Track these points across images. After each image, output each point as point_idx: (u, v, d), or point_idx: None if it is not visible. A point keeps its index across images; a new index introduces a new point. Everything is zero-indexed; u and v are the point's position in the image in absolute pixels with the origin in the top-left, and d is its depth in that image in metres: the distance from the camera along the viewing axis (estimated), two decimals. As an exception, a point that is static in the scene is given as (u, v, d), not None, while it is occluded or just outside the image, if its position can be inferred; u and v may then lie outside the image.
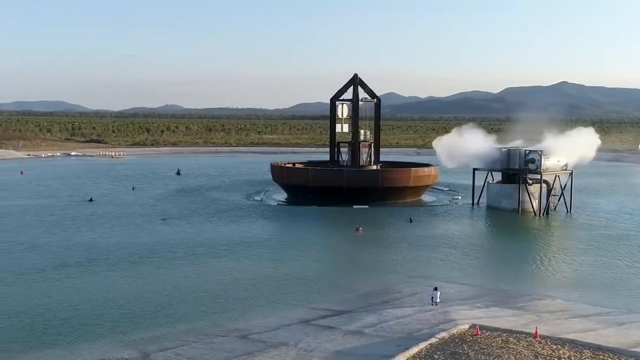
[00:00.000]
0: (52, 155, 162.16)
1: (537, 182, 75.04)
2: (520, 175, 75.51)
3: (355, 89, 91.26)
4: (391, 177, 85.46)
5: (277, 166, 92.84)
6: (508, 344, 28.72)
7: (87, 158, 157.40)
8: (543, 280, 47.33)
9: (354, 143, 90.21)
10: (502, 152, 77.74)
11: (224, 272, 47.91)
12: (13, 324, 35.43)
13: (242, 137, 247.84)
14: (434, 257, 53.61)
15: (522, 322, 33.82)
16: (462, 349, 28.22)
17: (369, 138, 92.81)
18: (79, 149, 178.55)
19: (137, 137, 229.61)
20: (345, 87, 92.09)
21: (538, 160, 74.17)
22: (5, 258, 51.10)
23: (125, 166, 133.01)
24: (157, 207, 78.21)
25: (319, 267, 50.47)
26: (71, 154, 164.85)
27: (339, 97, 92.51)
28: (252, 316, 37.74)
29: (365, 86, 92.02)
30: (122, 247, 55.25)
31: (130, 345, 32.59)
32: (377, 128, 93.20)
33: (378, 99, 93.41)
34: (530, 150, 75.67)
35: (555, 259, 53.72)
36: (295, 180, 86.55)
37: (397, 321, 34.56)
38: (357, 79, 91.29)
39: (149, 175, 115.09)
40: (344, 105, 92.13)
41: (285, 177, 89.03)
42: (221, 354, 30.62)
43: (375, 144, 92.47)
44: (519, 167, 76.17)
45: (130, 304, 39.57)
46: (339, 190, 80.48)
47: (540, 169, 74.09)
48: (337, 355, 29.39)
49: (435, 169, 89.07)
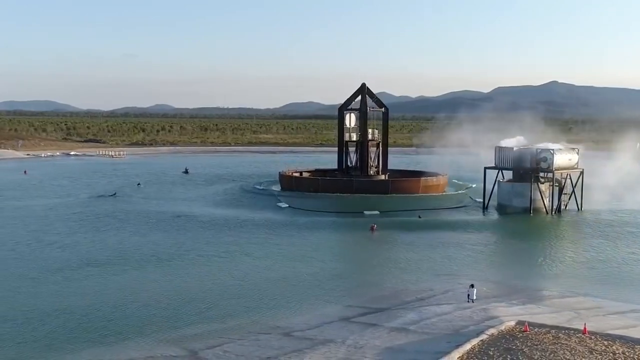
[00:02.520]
0: (52, 155, 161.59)
1: (549, 180, 75.49)
2: (532, 173, 75.88)
3: (363, 98, 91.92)
4: (401, 186, 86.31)
5: (286, 175, 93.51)
6: (559, 340, 29.01)
7: (87, 158, 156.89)
8: (568, 278, 47.55)
9: (362, 146, 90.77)
10: (513, 151, 78.11)
11: (254, 270, 48.27)
12: (59, 323, 35.47)
13: (238, 136, 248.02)
14: (454, 256, 53.93)
15: (563, 318, 34.13)
16: (515, 345, 28.48)
17: (377, 137, 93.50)
18: (78, 148, 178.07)
19: (133, 136, 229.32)
20: (353, 97, 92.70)
21: (550, 158, 74.57)
22: (43, 257, 51.23)
23: (130, 166, 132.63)
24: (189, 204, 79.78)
25: (344, 266, 50.86)
26: (70, 154, 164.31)
27: (347, 106, 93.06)
28: (289, 314, 37.94)
29: (373, 95, 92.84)
30: (156, 245, 55.85)
31: (175, 343, 32.66)
32: (385, 137, 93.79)
33: (386, 107, 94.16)
34: (542, 149, 76.07)
35: (575, 257, 54.31)
36: (304, 189, 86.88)
37: (439, 318, 34.82)
38: (365, 88, 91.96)
39: (158, 175, 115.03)
40: (352, 115, 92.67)
41: (294, 186, 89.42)
42: (270, 351, 30.74)
43: (383, 153, 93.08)
44: (530, 166, 76.54)
45: (169, 301, 39.72)
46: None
47: (552, 167, 74.51)
48: (388, 352, 29.58)
49: (444, 178, 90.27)
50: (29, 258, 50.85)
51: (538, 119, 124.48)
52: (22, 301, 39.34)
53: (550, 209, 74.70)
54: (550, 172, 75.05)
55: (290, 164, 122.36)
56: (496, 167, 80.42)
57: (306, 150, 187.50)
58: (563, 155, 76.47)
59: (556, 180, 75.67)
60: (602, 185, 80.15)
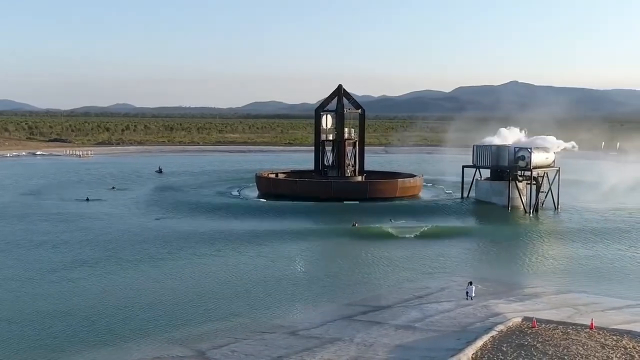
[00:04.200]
0: (18, 154, 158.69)
1: (527, 178, 76.39)
2: (510, 172, 76.72)
3: (340, 99, 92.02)
4: (378, 188, 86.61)
5: (263, 177, 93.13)
6: (569, 336, 29.40)
7: (54, 157, 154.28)
8: (557, 275, 48.04)
9: (339, 146, 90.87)
10: (491, 149, 78.87)
11: (240, 269, 48.23)
12: (64, 324, 35.03)
13: (204, 135, 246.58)
14: (442, 253, 54.43)
15: (565, 314, 34.63)
16: (527, 341, 28.78)
17: (353, 136, 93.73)
18: (43, 148, 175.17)
19: (98, 136, 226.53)
20: (330, 98, 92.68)
21: (528, 157, 75.45)
22: (44, 256, 50.95)
23: (102, 165, 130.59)
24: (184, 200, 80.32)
25: (332, 264, 50.65)
26: (37, 154, 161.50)
27: (323, 107, 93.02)
28: (290, 312, 37.96)
29: (349, 97, 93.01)
30: (158, 242, 56.07)
31: (180, 343, 32.40)
32: (361, 138, 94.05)
33: (362, 109, 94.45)
34: (520, 147, 76.92)
35: (561, 254, 55.15)
36: (282, 190, 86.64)
37: (443, 315, 35.07)
38: (342, 89, 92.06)
39: (131, 174, 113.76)
40: (328, 116, 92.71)
41: (272, 188, 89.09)
42: (279, 351, 30.62)
43: (360, 153, 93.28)
44: (508, 164, 77.37)
45: (170, 302, 39.49)
46: (327, 200, 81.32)
47: (530, 166, 75.40)
48: (399, 350, 29.68)
49: (420, 180, 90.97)
50: (29, 260, 50.12)
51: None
52: (24, 303, 38.74)
53: (528, 206, 75.58)
54: (528, 171, 75.94)
55: (264, 162, 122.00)
56: (474, 165, 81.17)
57: (277, 150, 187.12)
58: (540, 154, 77.43)
59: (534, 179, 76.57)
60: (576, 184, 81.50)
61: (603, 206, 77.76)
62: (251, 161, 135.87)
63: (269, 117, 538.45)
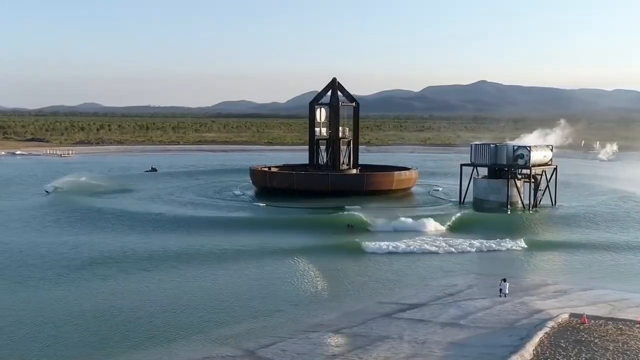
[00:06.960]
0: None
1: (525, 177, 77.00)
2: (509, 170, 77.25)
3: (334, 92, 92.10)
4: (375, 181, 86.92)
5: (258, 170, 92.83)
6: (623, 331, 29.72)
7: (34, 157, 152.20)
8: (572, 272, 48.38)
9: (333, 143, 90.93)
10: (490, 148, 79.32)
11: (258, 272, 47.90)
12: (111, 325, 34.69)
13: (181, 135, 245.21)
14: (451, 251, 54.77)
15: (605, 310, 34.90)
16: (583, 337, 29.02)
17: (347, 135, 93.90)
18: (22, 147, 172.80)
19: (74, 135, 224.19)
20: (325, 91, 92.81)
21: (527, 155, 76.03)
22: (77, 257, 50.43)
23: (88, 165, 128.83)
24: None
25: (347, 264, 50.70)
26: (16, 153, 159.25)
27: (318, 100, 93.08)
28: (323, 311, 37.69)
29: (344, 90, 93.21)
30: (186, 247, 54.67)
31: (225, 343, 32.22)
32: (355, 130, 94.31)
33: (357, 102, 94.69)
34: (519, 146, 77.50)
35: (569, 250, 55.55)
36: (278, 184, 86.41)
37: (484, 312, 35.18)
38: (336, 82, 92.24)
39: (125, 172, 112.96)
40: (322, 109, 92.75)
41: (267, 181, 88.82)
42: (330, 349, 30.57)
43: (354, 146, 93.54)
44: (507, 163, 77.88)
45: (210, 301, 39.33)
46: (324, 194, 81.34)
47: (529, 164, 75.99)
48: (455, 347, 29.73)
49: (415, 172, 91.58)
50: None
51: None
52: (62, 304, 38.39)
53: (526, 204, 76.18)
54: (527, 169, 76.54)
55: (252, 161, 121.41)
56: (472, 164, 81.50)
57: (259, 149, 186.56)
58: (539, 152, 78.08)
59: (532, 177, 77.19)
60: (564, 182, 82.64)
61: (596, 202, 78.96)
62: (241, 159, 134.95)
63: (239, 116, 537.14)
